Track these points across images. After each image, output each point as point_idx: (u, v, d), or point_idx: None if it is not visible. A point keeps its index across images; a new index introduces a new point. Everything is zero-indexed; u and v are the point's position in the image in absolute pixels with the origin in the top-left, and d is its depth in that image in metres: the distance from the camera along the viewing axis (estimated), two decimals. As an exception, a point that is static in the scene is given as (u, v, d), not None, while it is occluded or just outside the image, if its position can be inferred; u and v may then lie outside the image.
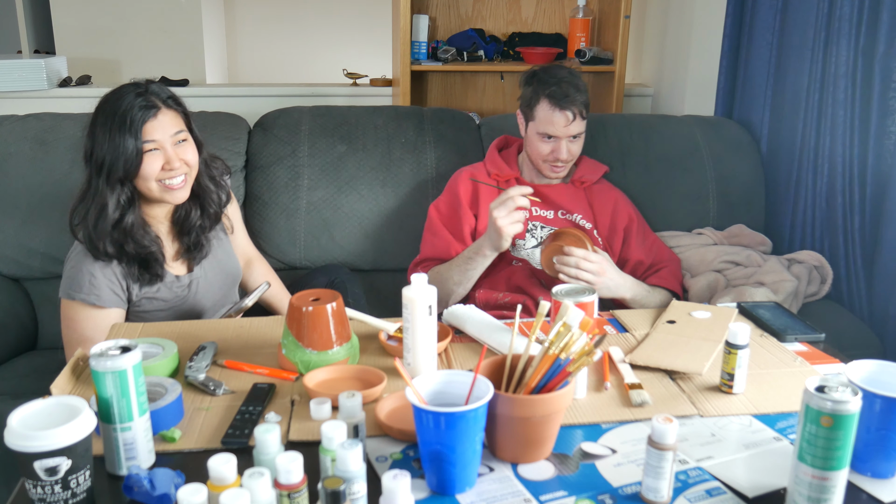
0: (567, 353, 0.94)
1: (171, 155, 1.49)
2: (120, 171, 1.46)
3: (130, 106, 1.46)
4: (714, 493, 0.90)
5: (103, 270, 1.50)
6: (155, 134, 1.47)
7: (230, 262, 1.73)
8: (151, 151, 1.47)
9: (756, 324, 1.37)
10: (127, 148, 1.44)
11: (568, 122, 1.80)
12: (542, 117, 1.82)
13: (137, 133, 1.45)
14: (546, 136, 1.83)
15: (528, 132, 1.88)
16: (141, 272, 1.53)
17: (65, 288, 1.51)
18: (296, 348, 1.16)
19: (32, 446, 0.81)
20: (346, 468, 0.81)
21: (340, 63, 3.75)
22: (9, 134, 2.00)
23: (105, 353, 0.90)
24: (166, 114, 1.50)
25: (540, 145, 1.85)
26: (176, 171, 1.50)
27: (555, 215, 1.89)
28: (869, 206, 1.86)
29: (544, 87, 1.82)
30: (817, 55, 1.97)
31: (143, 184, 1.49)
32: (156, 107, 1.48)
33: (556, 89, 1.80)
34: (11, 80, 2.80)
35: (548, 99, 1.81)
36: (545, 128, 1.81)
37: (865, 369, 0.96)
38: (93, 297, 1.48)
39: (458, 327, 1.33)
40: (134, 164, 1.46)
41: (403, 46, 2.72)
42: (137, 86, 1.50)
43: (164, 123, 1.49)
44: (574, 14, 2.94)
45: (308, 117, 2.17)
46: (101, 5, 3.60)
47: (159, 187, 1.50)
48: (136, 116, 1.45)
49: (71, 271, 1.51)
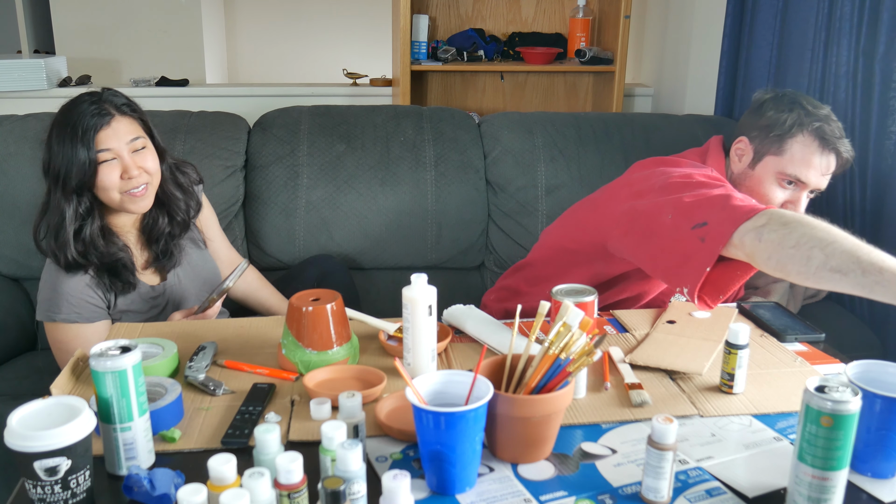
0: (567, 353, 0.94)
1: (128, 163, 1.46)
2: (74, 182, 1.43)
3: (82, 115, 1.43)
4: (714, 493, 0.90)
5: (78, 286, 1.47)
6: (109, 142, 1.44)
7: (207, 267, 1.70)
8: (108, 162, 1.44)
9: (756, 324, 1.37)
10: (80, 158, 1.42)
11: (829, 169, 1.47)
12: (798, 154, 1.46)
13: (90, 143, 1.42)
14: (790, 180, 1.48)
15: (759, 171, 1.51)
16: (112, 280, 1.50)
17: (44, 311, 1.49)
18: (296, 348, 1.16)
19: (32, 446, 0.81)
20: (346, 468, 0.81)
21: (340, 63, 3.75)
22: (9, 134, 2.00)
23: (105, 353, 0.90)
24: (121, 121, 1.47)
25: (775, 191, 1.48)
26: (135, 178, 1.47)
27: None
28: (869, 206, 1.86)
29: (812, 119, 1.46)
30: (817, 55, 1.97)
31: (105, 194, 1.47)
32: (109, 114, 1.45)
33: (827, 126, 1.45)
34: (11, 80, 2.81)
35: (814, 134, 1.45)
36: (797, 169, 1.46)
37: (865, 369, 0.96)
38: (73, 315, 1.47)
39: (458, 327, 1.33)
40: (88, 174, 1.43)
41: (403, 46, 2.72)
42: (93, 94, 1.48)
43: (119, 131, 1.46)
44: (574, 14, 2.94)
45: (307, 117, 2.17)
46: (101, 5, 3.60)
47: (121, 197, 1.48)
48: (88, 125, 1.42)
49: (46, 293, 1.49)
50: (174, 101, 2.74)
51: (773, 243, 1.12)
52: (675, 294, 1.36)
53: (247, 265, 1.54)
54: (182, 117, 2.14)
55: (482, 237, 2.18)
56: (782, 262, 1.10)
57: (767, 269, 1.14)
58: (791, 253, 1.09)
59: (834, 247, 1.05)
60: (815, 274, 1.06)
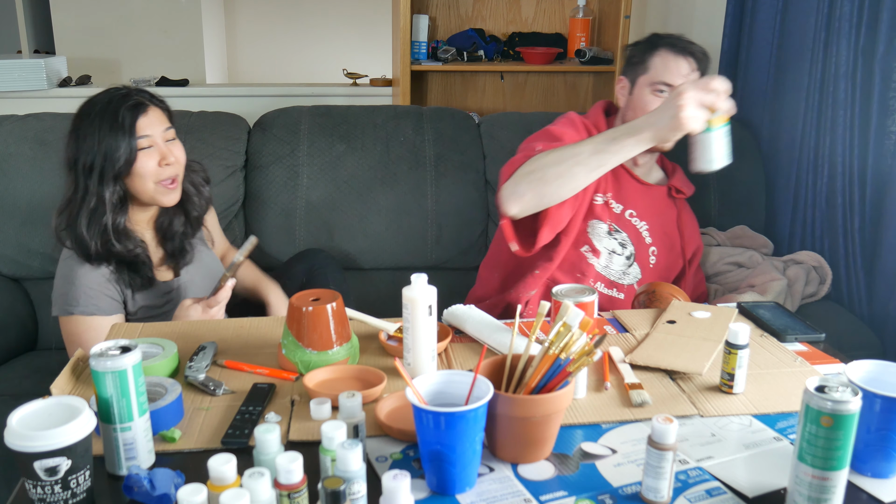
0: (567, 353, 0.94)
1: (164, 150, 1.49)
2: (113, 170, 1.45)
3: (119, 105, 1.46)
4: (714, 493, 0.90)
5: (96, 279, 1.48)
6: (148, 129, 1.48)
7: (214, 265, 1.72)
8: (146, 149, 1.47)
9: (756, 324, 1.37)
10: (120, 146, 1.44)
11: (690, 70, 1.64)
12: (660, 64, 1.65)
13: (131, 130, 1.45)
14: (662, 87, 1.65)
15: (636, 92, 1.70)
16: (131, 276, 1.52)
17: (60, 305, 1.49)
18: (296, 348, 1.16)
19: (32, 446, 0.81)
20: (346, 468, 0.81)
21: (340, 63, 3.75)
22: (9, 134, 2.00)
23: (105, 353, 0.90)
24: (154, 111, 1.51)
25: (652, 100, 1.65)
26: (171, 166, 1.50)
27: (622, 212, 1.74)
28: (869, 206, 1.86)
29: (662, 38, 1.69)
30: (817, 55, 1.97)
31: (140, 183, 1.49)
32: (144, 104, 1.49)
33: (677, 38, 1.68)
34: (11, 80, 2.81)
35: (667, 46, 1.66)
36: (662, 75, 1.64)
37: (865, 369, 0.96)
38: (91, 307, 1.48)
39: (458, 327, 1.33)
40: (127, 161, 1.45)
41: (403, 46, 2.72)
42: (118, 89, 1.51)
43: (154, 120, 1.50)
44: (574, 14, 2.94)
45: (307, 117, 2.17)
46: (101, 5, 3.60)
47: (155, 188, 1.50)
48: (126, 115, 1.45)
49: (63, 287, 1.50)
50: (174, 102, 2.72)
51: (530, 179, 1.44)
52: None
53: (255, 240, 1.54)
54: (182, 117, 2.14)
55: (482, 237, 2.18)
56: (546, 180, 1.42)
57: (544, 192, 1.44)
58: (538, 187, 1.43)
59: (571, 150, 1.41)
60: (565, 173, 1.40)
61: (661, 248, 1.79)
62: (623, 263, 1.74)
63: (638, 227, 1.76)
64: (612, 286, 1.74)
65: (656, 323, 1.36)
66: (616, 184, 1.75)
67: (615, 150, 1.37)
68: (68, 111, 2.13)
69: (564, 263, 1.71)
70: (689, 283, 1.87)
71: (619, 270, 1.74)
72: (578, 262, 1.71)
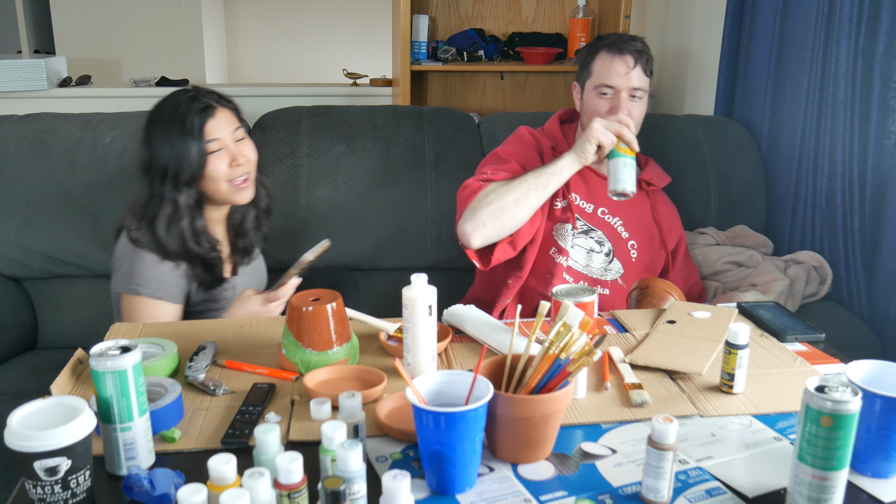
0: (567, 353, 0.94)
1: (234, 152, 1.52)
2: (186, 175, 1.47)
3: (187, 110, 1.47)
4: (714, 493, 0.90)
5: (167, 269, 1.51)
6: (216, 132, 1.49)
7: (262, 268, 1.77)
8: (216, 152, 1.49)
9: (756, 324, 1.37)
10: (191, 151, 1.46)
11: (628, 68, 1.68)
12: (599, 67, 1.71)
13: (200, 134, 1.47)
14: (604, 89, 1.71)
15: (585, 96, 1.77)
16: (205, 274, 1.55)
17: (125, 284, 1.51)
18: (296, 348, 1.16)
19: (32, 446, 0.81)
20: (346, 468, 0.81)
21: (340, 63, 3.75)
22: (9, 134, 2.00)
23: (105, 353, 0.90)
24: (223, 112, 1.52)
25: (598, 102, 1.71)
26: (242, 166, 1.52)
27: (594, 211, 1.79)
28: (869, 206, 1.86)
29: (601, 40, 1.74)
30: (817, 55, 1.97)
31: (212, 185, 1.51)
32: (212, 107, 1.50)
33: (615, 38, 1.72)
34: (11, 80, 2.81)
35: (605, 48, 1.71)
36: (603, 78, 1.70)
37: (865, 369, 0.96)
38: (159, 292, 1.50)
39: (458, 327, 1.33)
40: (199, 166, 1.47)
41: (403, 46, 2.72)
42: (186, 91, 1.52)
43: (222, 122, 1.51)
44: (574, 14, 2.94)
45: (307, 117, 2.17)
46: (101, 5, 3.60)
47: (228, 187, 1.52)
48: (194, 119, 1.46)
49: (131, 266, 1.51)
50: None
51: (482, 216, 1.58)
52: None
53: (328, 243, 1.54)
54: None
55: (482, 237, 2.17)
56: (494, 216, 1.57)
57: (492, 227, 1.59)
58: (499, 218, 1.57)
59: (516, 183, 1.59)
60: (516, 203, 1.56)
61: (641, 242, 1.83)
62: (603, 260, 1.78)
63: (612, 224, 1.80)
64: (595, 284, 1.77)
65: (656, 323, 1.36)
66: (585, 185, 1.80)
67: (544, 183, 1.60)
68: (68, 111, 2.14)
69: (535, 269, 1.76)
70: (679, 274, 1.88)
71: (601, 268, 1.78)
72: (547, 265, 1.76)
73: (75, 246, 1.97)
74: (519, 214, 1.59)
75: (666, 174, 1.93)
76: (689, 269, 1.93)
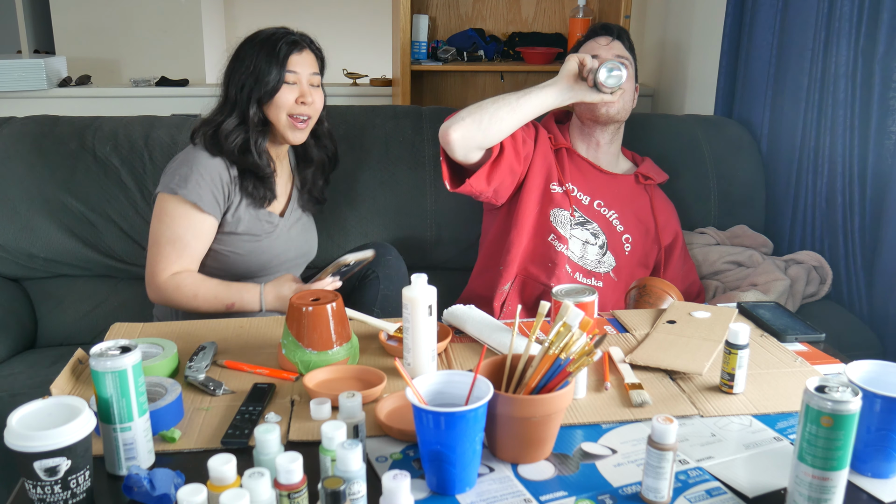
0: (567, 353, 0.94)
1: (306, 89, 1.60)
2: (258, 93, 1.56)
3: (279, 38, 1.58)
4: (714, 494, 0.90)
5: (213, 172, 1.56)
6: (297, 67, 1.59)
7: (311, 235, 1.82)
8: (290, 85, 1.59)
9: (756, 324, 1.37)
10: (270, 73, 1.56)
11: (609, 40, 1.81)
12: (585, 50, 1.81)
13: (283, 62, 1.57)
14: None
15: None
16: (255, 186, 1.60)
17: (166, 183, 1.56)
18: (296, 348, 1.16)
19: (32, 446, 0.81)
20: (346, 468, 0.81)
21: (340, 63, 3.75)
22: (8, 135, 2.00)
23: (105, 353, 0.90)
24: (308, 54, 1.63)
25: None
26: (307, 106, 1.60)
27: (590, 203, 1.82)
28: (869, 206, 1.86)
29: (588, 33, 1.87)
30: (817, 55, 1.97)
31: (275, 112, 1.59)
32: (302, 45, 1.61)
33: (597, 26, 1.86)
34: (11, 80, 2.80)
35: (588, 37, 1.85)
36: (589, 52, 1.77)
37: (865, 369, 0.96)
38: (194, 195, 1.54)
39: (458, 327, 1.33)
40: (273, 89, 1.56)
41: (403, 46, 2.72)
42: (286, 28, 1.64)
43: (306, 61, 1.62)
44: (574, 14, 2.94)
45: (308, 117, 2.17)
46: (101, 5, 3.60)
47: (287, 122, 1.60)
48: (283, 48, 1.57)
49: (177, 167, 1.57)
50: (174, 101, 2.73)
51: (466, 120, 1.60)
52: None
53: (372, 254, 1.59)
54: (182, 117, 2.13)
55: (482, 237, 2.17)
56: (477, 122, 1.58)
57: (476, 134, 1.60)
58: (478, 115, 1.59)
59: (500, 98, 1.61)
60: (495, 104, 1.59)
61: (636, 236, 1.84)
62: (597, 253, 1.80)
63: (607, 217, 1.82)
64: (589, 275, 1.79)
65: (656, 323, 1.36)
66: (581, 177, 1.82)
67: (526, 100, 1.61)
68: (68, 111, 2.14)
69: (535, 256, 1.76)
70: (677, 273, 1.88)
71: (595, 260, 1.80)
72: (548, 252, 1.76)
73: (75, 247, 1.96)
74: (500, 114, 1.59)
75: (663, 172, 1.95)
76: (688, 267, 1.93)
